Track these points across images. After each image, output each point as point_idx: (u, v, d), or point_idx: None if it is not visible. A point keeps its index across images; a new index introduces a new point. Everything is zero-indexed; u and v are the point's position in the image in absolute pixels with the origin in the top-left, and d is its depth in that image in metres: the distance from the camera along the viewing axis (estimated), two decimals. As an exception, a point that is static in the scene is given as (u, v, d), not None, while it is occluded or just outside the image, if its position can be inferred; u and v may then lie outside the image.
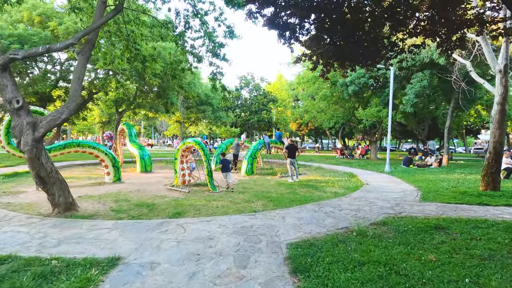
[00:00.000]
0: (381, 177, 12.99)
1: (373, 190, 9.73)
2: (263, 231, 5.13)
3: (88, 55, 6.39)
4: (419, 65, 15.75)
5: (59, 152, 10.07)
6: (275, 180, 11.99)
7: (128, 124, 15.54)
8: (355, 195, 8.75)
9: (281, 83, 39.21)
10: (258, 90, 22.42)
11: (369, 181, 11.78)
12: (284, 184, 10.91)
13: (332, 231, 5.26)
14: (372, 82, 18.35)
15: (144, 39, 8.13)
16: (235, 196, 8.66)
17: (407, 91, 16.20)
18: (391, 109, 15.05)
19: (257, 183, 11.15)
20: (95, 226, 5.43)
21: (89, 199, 8.16)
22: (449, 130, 17.44)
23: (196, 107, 28.65)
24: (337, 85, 20.63)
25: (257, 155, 13.61)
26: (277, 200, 8.06)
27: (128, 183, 10.97)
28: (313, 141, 71.08)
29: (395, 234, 5.14)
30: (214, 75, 7.37)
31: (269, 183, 11.17)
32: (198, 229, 5.24)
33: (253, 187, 10.33)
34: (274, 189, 9.86)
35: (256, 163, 13.75)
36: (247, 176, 13.10)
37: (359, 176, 13.19)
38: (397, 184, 11.17)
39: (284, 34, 7.56)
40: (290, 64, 25.32)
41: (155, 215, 6.53)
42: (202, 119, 30.58)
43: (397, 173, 14.40)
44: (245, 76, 22.51)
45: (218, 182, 10.71)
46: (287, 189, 9.89)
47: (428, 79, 15.50)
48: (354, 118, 24.81)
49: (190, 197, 8.49)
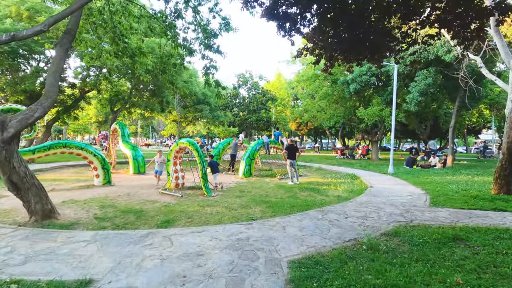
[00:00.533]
0: (385, 179, 12.41)
1: (379, 193, 9.13)
2: (261, 245, 4.53)
3: (67, 47, 5.77)
4: (424, 62, 15.16)
5: (43, 153, 9.43)
6: (274, 183, 11.39)
7: (121, 124, 14.90)
8: (360, 200, 8.16)
9: (280, 82, 38.58)
10: (256, 88, 21.71)
11: (373, 183, 11.19)
12: (284, 187, 10.31)
13: (339, 244, 4.66)
14: (374, 80, 17.76)
15: (133, 32, 7.51)
16: (231, 201, 8.05)
17: (411, 89, 15.61)
18: (394, 108, 14.46)
19: (255, 186, 10.55)
20: (72, 239, 4.82)
21: (73, 204, 7.54)
22: (454, 130, 16.87)
23: (193, 106, 27.99)
24: (338, 83, 20.04)
25: (255, 156, 13.01)
26: (276, 205, 7.45)
27: (118, 186, 10.35)
28: (312, 140, 70.53)
29: (410, 248, 4.54)
30: (207, 69, 6.75)
31: (268, 186, 10.57)
32: (187, 242, 4.62)
33: (251, 190, 9.73)
34: (273, 193, 9.26)
35: (254, 164, 13.14)
36: (245, 178, 12.49)
37: (362, 178, 12.60)
38: (403, 186, 10.58)
39: (283, 26, 6.94)
40: (289, 62, 24.74)
41: (142, 223, 5.91)
42: (199, 118, 29.94)
43: (401, 175, 13.82)
44: (243, 74, 21.84)
45: (213, 185, 10.11)
46: (287, 193, 9.29)
47: (433, 77, 14.92)
48: (355, 117, 24.24)
49: (182, 202, 7.88)
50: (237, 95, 21.53)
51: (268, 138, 13.71)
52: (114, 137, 15.29)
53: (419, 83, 15.22)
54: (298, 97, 29.15)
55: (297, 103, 33.22)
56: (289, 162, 11.05)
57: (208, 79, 6.77)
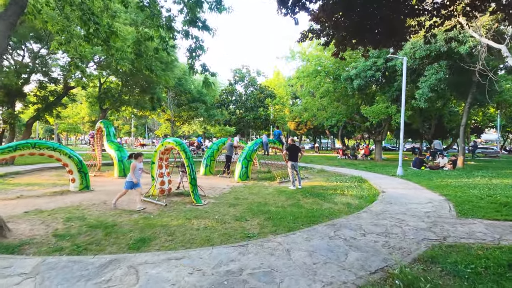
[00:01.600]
0: (396, 182, 11.26)
1: (394, 200, 7.97)
2: (258, 283, 3.33)
3: (11, 21, 4.55)
4: (433, 56, 14.04)
5: (8, 154, 8.20)
6: (274, 187, 10.20)
7: (106, 122, 13.67)
8: (375, 209, 6.98)
9: (279, 80, 37.43)
10: (254, 84, 20.44)
11: (384, 187, 10.04)
12: (285, 192, 9.12)
13: (364, 278, 3.47)
14: (380, 76, 16.63)
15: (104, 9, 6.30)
16: (224, 210, 6.85)
17: (420, 84, 14.48)
18: (404, 104, 13.31)
19: (253, 191, 9.35)
20: (6, 270, 3.60)
21: (35, 215, 6.31)
22: (465, 128, 15.77)
23: (188, 104, 26.74)
24: (340, 79, 18.88)
25: (252, 157, 11.82)
26: (277, 216, 6.27)
27: (97, 192, 9.14)
28: (311, 140, 69.27)
29: (459, 283, 3.37)
30: (192, 51, 5.54)
31: (266, 191, 9.38)
32: (158, 278, 3.42)
33: (248, 196, 8.53)
34: (273, 200, 8.07)
35: (251, 166, 11.94)
36: (241, 181, 11.29)
37: (370, 181, 11.44)
38: (418, 191, 9.43)
39: (286, 1, 5.78)
40: (288, 59, 23.58)
41: (110, 243, 4.71)
42: (194, 117, 28.67)
43: (412, 177, 12.68)
44: (239, 69, 20.51)
45: (205, 191, 8.91)
46: (289, 200, 8.11)
47: (444, 71, 13.79)
48: (357, 116, 23.11)
49: (166, 212, 6.67)
50: (233, 91, 20.19)
51: (267, 138, 12.53)
52: (99, 137, 14.05)
53: (429, 77, 14.08)
54: (297, 95, 27.93)
55: (296, 101, 32.01)
56: (291, 164, 9.87)
57: (193, 63, 5.58)
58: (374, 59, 17.22)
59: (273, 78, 39.41)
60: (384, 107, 16.85)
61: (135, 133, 48.45)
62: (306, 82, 21.40)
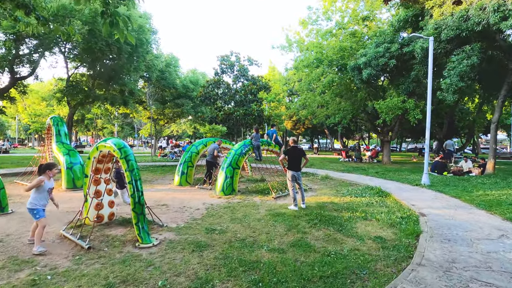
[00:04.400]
0: (430, 197, 8.57)
1: (449, 233, 5.27)
2: None
3: None
4: (464, 37, 11.40)
5: None
6: (268, 206, 7.45)
7: (56, 118, 10.86)
8: (433, 255, 4.26)
9: (274, 75, 34.66)
10: (245, 74, 17.53)
11: (419, 205, 7.35)
12: (283, 217, 6.37)
13: None
14: (394, 63, 13.95)
15: None
16: (180, 263, 4.07)
17: (447, 72, 11.83)
18: (430, 95, 10.62)
19: (237, 215, 6.58)
20: None
21: None
22: (497, 127, 13.17)
23: (173, 101, 23.81)
24: (346, 69, 16.19)
25: (240, 163, 9.02)
26: (272, 279, 3.52)
27: (13, 215, 6.35)
28: (308, 141, 66.45)
29: None
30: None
31: (257, 215, 6.61)
32: None
33: (228, 226, 5.77)
34: (265, 233, 5.32)
35: (239, 175, 9.12)
36: (224, 196, 8.51)
37: (395, 194, 8.75)
38: (469, 213, 6.75)
39: None
40: (284, 48, 20.79)
41: None
42: (179, 115, 25.72)
43: (443, 188, 10.02)
44: (227, 55, 17.58)
45: (168, 215, 6.15)
46: (290, 232, 5.37)
47: (478, 55, 11.17)
48: (364, 113, 20.45)
49: (80, 266, 3.89)
50: (219, 83, 17.24)
51: (258, 136, 9.73)
52: (49, 137, 11.21)
53: (458, 63, 11.43)
54: (294, 91, 25.13)
55: (293, 97, 29.22)
56: (291, 174, 7.10)
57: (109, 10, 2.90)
58: (387, 45, 14.55)
59: (268, 73, 36.62)
60: (399, 101, 14.16)
61: (118, 133, 45.12)
62: (306, 74, 18.68)
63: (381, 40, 15.00)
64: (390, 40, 14.81)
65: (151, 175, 13.55)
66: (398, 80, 15.45)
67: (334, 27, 17.74)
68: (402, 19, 14.06)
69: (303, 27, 20.88)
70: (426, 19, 12.77)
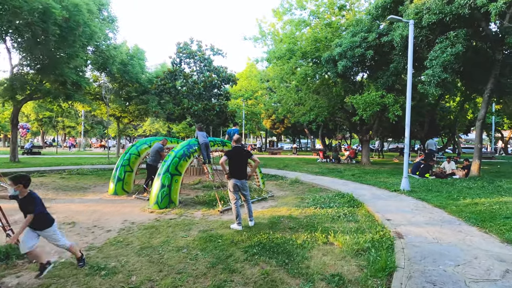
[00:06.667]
0: (409, 208, 7.13)
1: (435, 268, 3.77)
2: None
3: None
4: (448, 22, 10.12)
5: None
6: (205, 225, 5.78)
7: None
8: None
9: (252, 71, 33.00)
10: (208, 65, 15.69)
11: (396, 221, 5.88)
12: (215, 243, 4.72)
13: None
14: (372, 54, 12.58)
15: None
16: None
17: (429, 62, 10.52)
18: (410, 87, 9.25)
19: (153, 240, 4.87)
20: None
21: None
22: (483, 124, 12.00)
23: (138, 97, 21.71)
24: (321, 62, 14.72)
25: (181, 169, 7.27)
26: None
27: None
28: (291, 141, 64.92)
29: None
30: None
31: (181, 240, 4.92)
32: None
33: (128, 259, 4.07)
34: (176, 272, 3.67)
35: (179, 184, 7.32)
36: (158, 211, 6.75)
37: (368, 204, 7.28)
38: (456, 229, 5.32)
39: None
40: (258, 40, 19.17)
41: None
42: (146, 113, 23.60)
43: (425, 194, 8.66)
44: (187, 43, 15.69)
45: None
46: (213, 268, 3.75)
47: (463, 43, 9.91)
48: (340, 111, 19.11)
49: None
50: (175, 73, 15.30)
51: (205, 135, 8.02)
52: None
53: (441, 52, 10.14)
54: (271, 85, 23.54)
55: (272, 95, 27.65)
56: (233, 183, 5.45)
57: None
58: (364, 34, 13.16)
59: (246, 70, 34.86)
60: (378, 95, 12.80)
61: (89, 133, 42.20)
62: (279, 67, 17.12)
63: (358, 30, 13.62)
64: (367, 29, 13.44)
65: (94, 180, 11.61)
66: (377, 73, 14.10)
67: (309, 16, 16.29)
68: (380, 5, 12.69)
69: (278, 19, 19.37)
70: (406, 4, 11.45)
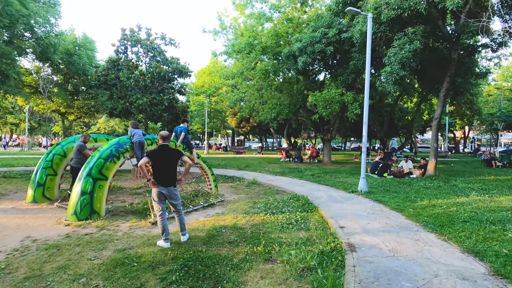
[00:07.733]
0: (366, 211, 6.60)
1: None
2: None
3: None
4: (407, 18, 9.89)
5: None
6: (126, 242, 4.77)
7: None
8: None
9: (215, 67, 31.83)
10: (158, 55, 14.29)
11: (350, 228, 5.26)
12: (129, 266, 3.75)
13: None
14: (332, 50, 12.17)
15: None
16: None
17: (387, 59, 10.26)
18: (368, 84, 8.85)
19: (47, 266, 3.78)
20: None
21: None
22: (439, 123, 12.05)
23: (86, 91, 19.68)
24: (281, 57, 14.08)
25: (106, 171, 6.12)
26: None
27: None
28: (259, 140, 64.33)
29: None
30: None
31: (85, 264, 3.88)
32: None
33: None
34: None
35: (104, 190, 6.17)
36: (76, 223, 5.59)
37: (322, 208, 6.66)
38: (414, 237, 4.80)
39: None
40: (218, 34, 18.15)
41: None
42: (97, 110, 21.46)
43: (381, 195, 8.28)
44: (133, 29, 14.19)
45: None
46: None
47: (421, 40, 9.73)
48: (303, 109, 18.72)
49: None
50: (118, 62, 13.75)
51: (141, 131, 6.94)
52: None
53: (400, 49, 9.90)
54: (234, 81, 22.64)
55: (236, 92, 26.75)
56: (157, 192, 4.50)
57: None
58: (324, 29, 12.71)
59: (209, 65, 33.60)
60: (337, 93, 12.41)
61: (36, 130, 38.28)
62: (240, 62, 16.26)
63: (319, 25, 13.16)
64: (328, 25, 13.02)
65: (20, 184, 9.95)
66: (337, 71, 13.75)
67: (270, 9, 15.61)
68: (341, 1, 12.30)
69: (240, 12, 18.50)
70: (366, 0, 11.13)
